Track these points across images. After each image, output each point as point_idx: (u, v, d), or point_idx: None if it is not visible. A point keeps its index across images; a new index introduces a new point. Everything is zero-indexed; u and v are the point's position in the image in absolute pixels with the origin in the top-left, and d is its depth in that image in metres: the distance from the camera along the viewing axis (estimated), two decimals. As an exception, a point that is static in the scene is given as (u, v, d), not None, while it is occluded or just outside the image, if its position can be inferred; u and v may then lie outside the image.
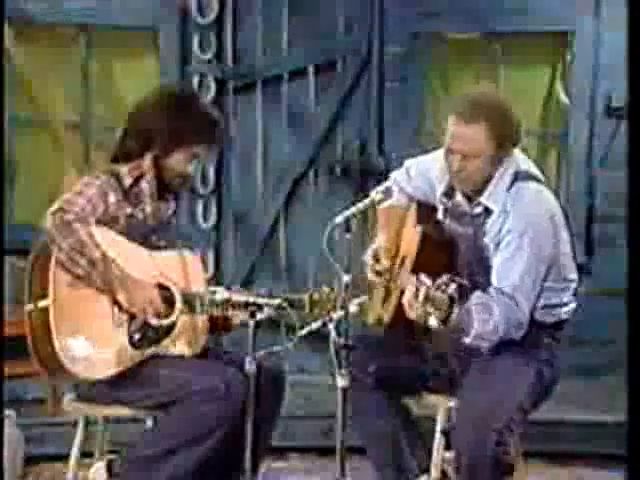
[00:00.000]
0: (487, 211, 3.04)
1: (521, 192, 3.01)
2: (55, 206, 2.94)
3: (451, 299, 2.75)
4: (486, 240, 3.01)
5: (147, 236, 3.10)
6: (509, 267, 2.96)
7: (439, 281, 2.75)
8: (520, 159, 3.09)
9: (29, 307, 2.94)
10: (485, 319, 2.90)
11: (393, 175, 3.33)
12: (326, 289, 3.12)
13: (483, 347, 2.96)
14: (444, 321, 2.76)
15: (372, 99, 5.26)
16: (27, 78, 5.31)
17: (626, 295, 2.88)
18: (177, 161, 3.07)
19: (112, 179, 3.05)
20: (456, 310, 2.77)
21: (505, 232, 2.98)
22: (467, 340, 2.93)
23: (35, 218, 3.04)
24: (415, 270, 2.93)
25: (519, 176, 3.04)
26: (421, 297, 2.75)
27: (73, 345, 2.93)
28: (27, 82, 5.31)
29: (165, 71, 5.27)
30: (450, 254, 3.03)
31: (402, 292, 2.87)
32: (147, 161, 3.07)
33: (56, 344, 2.90)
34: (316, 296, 3.11)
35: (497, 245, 2.99)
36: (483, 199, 3.04)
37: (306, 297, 3.10)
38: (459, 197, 3.12)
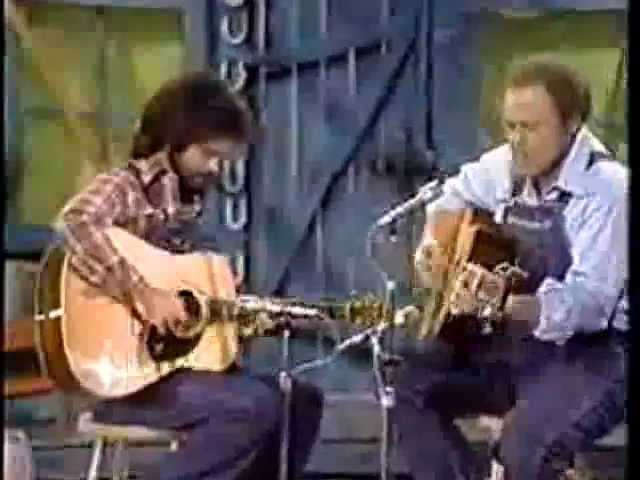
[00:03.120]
0: (562, 198, 3.01)
1: (603, 171, 2.98)
2: (69, 206, 2.94)
3: (508, 281, 2.73)
4: (566, 227, 2.98)
5: (169, 238, 3.10)
6: (591, 248, 2.93)
7: (494, 269, 2.75)
8: (594, 140, 3.05)
9: (40, 317, 2.96)
10: (555, 306, 2.88)
11: (448, 182, 3.27)
12: (369, 297, 3.10)
13: (557, 339, 2.93)
14: (500, 307, 2.74)
15: (419, 86, 5.23)
16: (39, 65, 5.33)
17: (627, 300, 2.88)
18: (192, 158, 3.05)
19: (131, 176, 3.04)
20: (512, 296, 2.76)
21: (590, 213, 2.95)
22: (537, 333, 2.91)
23: (47, 218, 3.06)
24: None
25: (596, 157, 3.01)
26: (474, 285, 2.74)
27: (88, 359, 2.94)
28: (39, 69, 5.33)
29: (190, 57, 5.27)
30: (510, 253, 3.00)
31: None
32: (163, 157, 3.06)
33: (69, 358, 2.91)
34: (358, 304, 3.08)
35: (578, 228, 2.96)
36: (560, 183, 3.00)
37: (347, 306, 3.07)
38: (526, 191, 3.08)
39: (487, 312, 2.75)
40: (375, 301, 3.07)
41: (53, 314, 2.93)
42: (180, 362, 3.03)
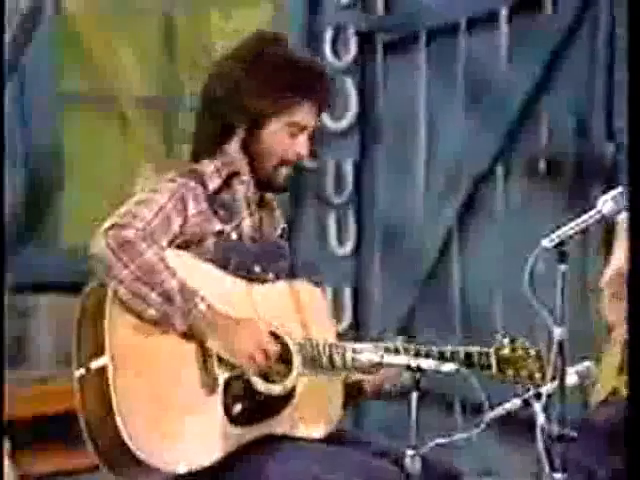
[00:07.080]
0: None
1: None
2: (109, 221, 2.97)
3: None
4: None
5: (246, 264, 3.11)
6: None
7: None
8: None
9: (79, 372, 2.97)
10: None
11: None
12: (522, 341, 3.12)
13: None
14: None
15: (597, 56, 5.21)
16: (83, 36, 5.43)
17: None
18: (275, 137, 3.09)
19: (192, 182, 3.07)
20: None
21: None
22: None
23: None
24: None
25: None
26: None
27: (144, 423, 2.94)
28: (83, 42, 5.43)
29: (285, 23, 5.35)
30: None
31: None
32: (234, 149, 3.10)
33: (119, 422, 2.90)
34: (507, 351, 3.11)
35: None
36: None
37: (492, 351, 3.10)
38: None
39: None
40: (531, 347, 3.11)
41: (95, 364, 2.93)
42: (266, 427, 3.01)
